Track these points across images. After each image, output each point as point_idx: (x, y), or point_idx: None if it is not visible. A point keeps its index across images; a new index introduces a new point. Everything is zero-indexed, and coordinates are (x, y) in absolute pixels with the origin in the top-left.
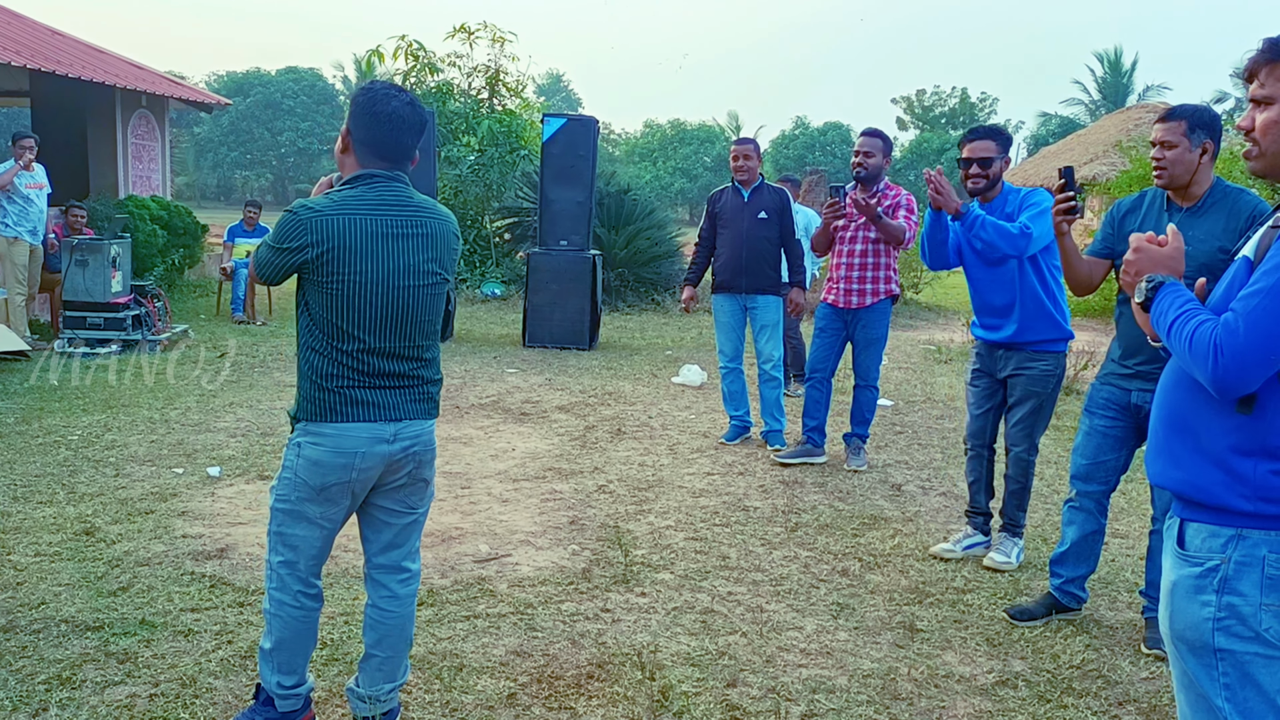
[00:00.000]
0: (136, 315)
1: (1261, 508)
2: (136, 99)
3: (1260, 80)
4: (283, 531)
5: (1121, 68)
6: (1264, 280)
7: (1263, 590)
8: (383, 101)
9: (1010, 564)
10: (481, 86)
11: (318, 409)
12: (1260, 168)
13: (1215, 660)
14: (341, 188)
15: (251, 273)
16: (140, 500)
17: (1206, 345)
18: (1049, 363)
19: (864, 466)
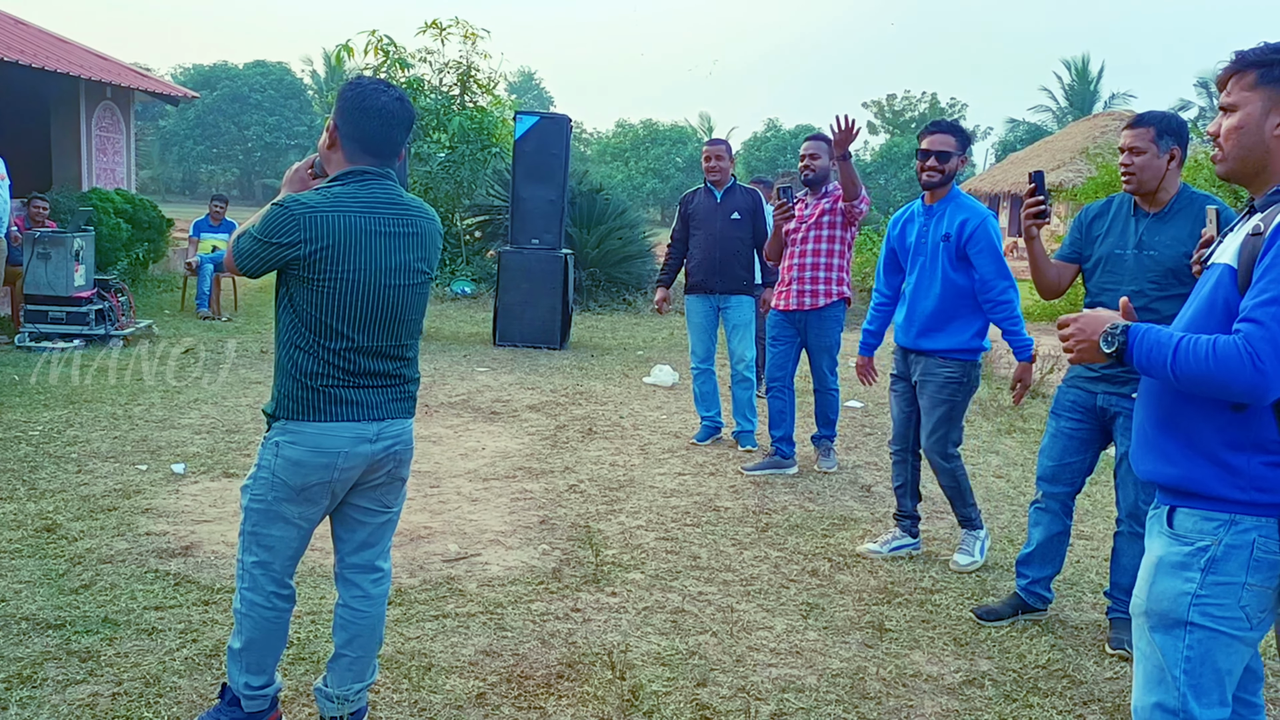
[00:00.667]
0: (100, 310)
1: (1255, 496)
2: (101, 90)
3: (1228, 89)
4: (257, 531)
5: (1089, 75)
6: (1272, 289)
7: (1248, 571)
8: (372, 97)
9: (976, 562)
10: (453, 83)
11: (300, 407)
12: (1225, 171)
13: (1184, 633)
14: (331, 184)
15: (229, 263)
16: (103, 497)
17: (1239, 356)
18: (954, 370)
19: (834, 468)
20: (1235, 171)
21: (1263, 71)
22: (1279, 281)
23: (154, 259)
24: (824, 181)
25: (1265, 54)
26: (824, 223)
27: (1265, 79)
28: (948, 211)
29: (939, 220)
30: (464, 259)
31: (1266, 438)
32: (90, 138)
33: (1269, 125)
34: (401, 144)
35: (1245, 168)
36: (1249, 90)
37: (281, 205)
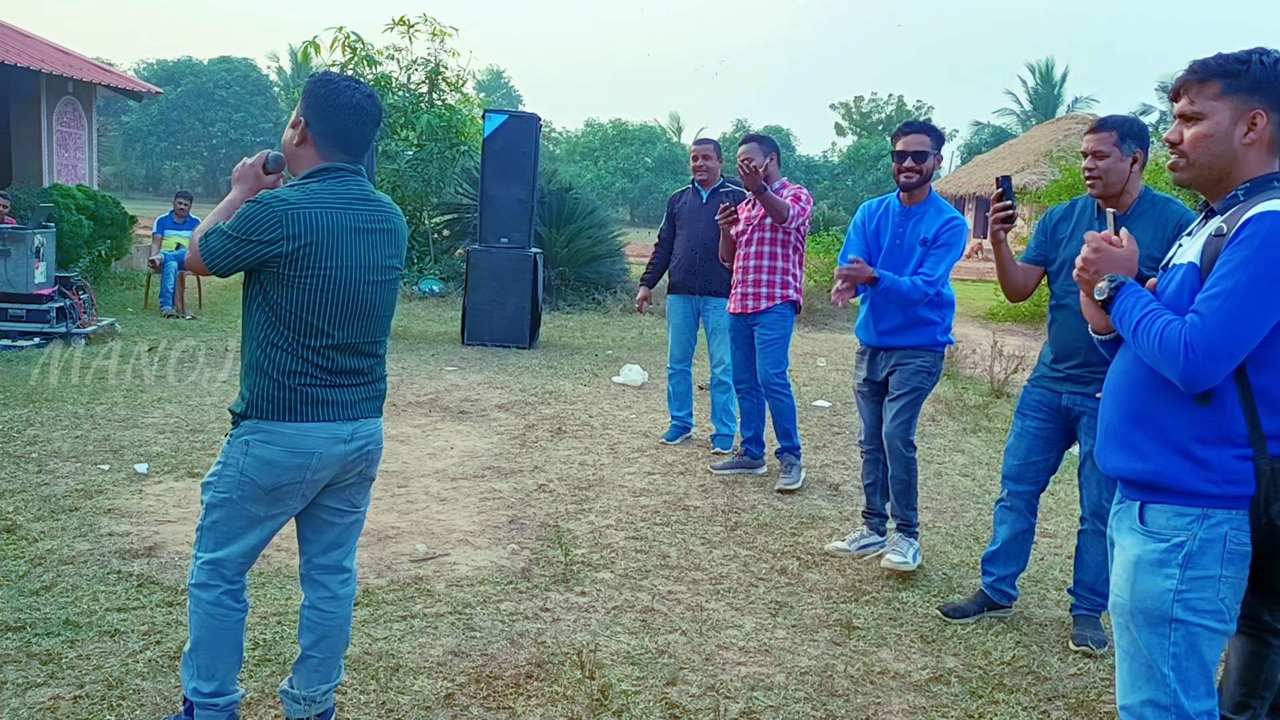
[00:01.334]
0: (61, 307)
1: (1226, 489)
2: (63, 85)
3: (1190, 98)
4: (216, 528)
5: (1052, 79)
6: (1222, 284)
7: (1223, 563)
8: (346, 94)
9: (908, 564)
10: (421, 81)
11: (275, 407)
12: (1188, 178)
13: (1169, 630)
14: (305, 180)
15: (193, 262)
16: (64, 497)
17: (1177, 343)
18: (925, 359)
19: (796, 484)
20: (1199, 179)
21: (1228, 82)
22: (1227, 278)
23: (117, 256)
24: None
25: (1228, 64)
26: (766, 224)
27: (1231, 89)
28: (928, 215)
29: (918, 222)
30: (432, 258)
31: (1235, 431)
32: (51, 133)
33: (1237, 134)
34: (372, 140)
35: (1211, 175)
36: (1215, 100)
37: (261, 203)
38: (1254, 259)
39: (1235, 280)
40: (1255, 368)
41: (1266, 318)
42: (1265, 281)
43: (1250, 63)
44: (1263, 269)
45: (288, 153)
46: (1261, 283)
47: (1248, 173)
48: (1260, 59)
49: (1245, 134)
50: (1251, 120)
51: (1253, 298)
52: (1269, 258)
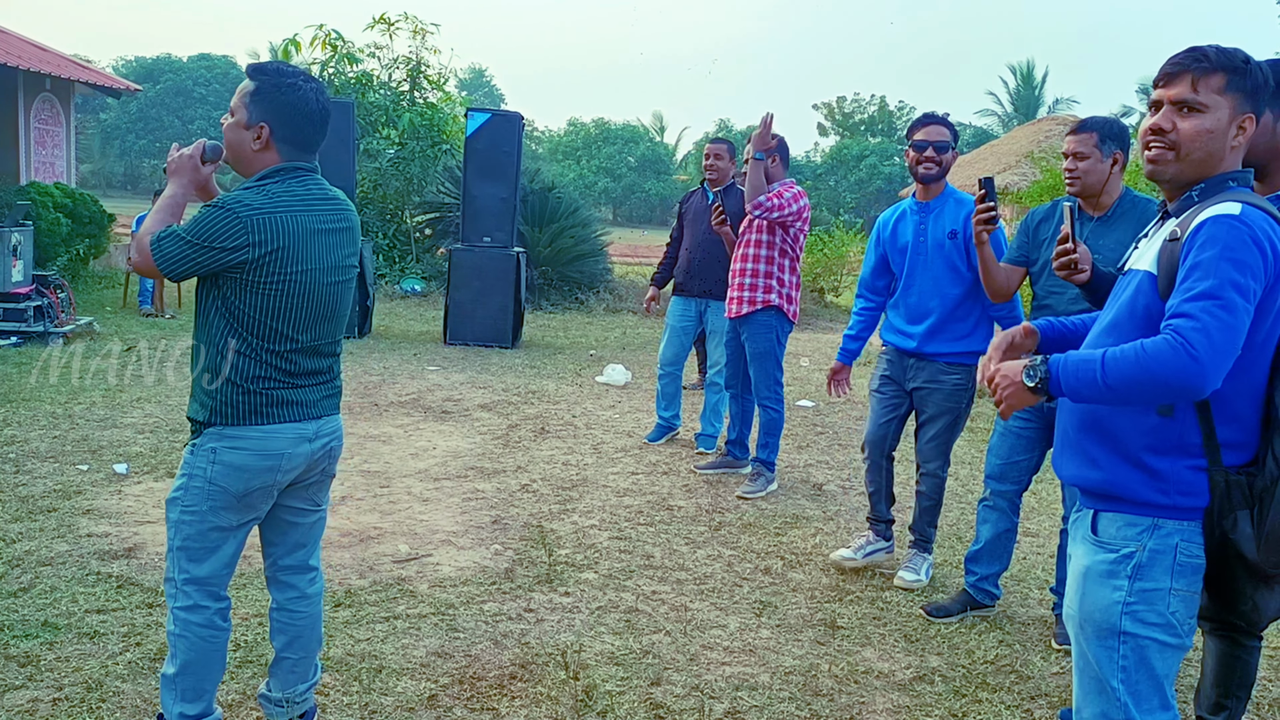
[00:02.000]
0: (38, 306)
1: (1178, 500)
2: (40, 82)
3: (1192, 86)
4: (189, 545)
5: (1033, 80)
6: (1202, 283)
7: (1173, 576)
8: (308, 99)
9: (921, 581)
10: (402, 79)
11: (239, 412)
12: (1174, 172)
13: (1118, 643)
14: (264, 182)
15: (143, 265)
16: (42, 498)
17: (1171, 350)
18: (961, 376)
19: (758, 494)
20: (1184, 175)
21: (1232, 78)
22: (1205, 278)
23: (95, 255)
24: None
25: (1233, 59)
26: (751, 226)
27: (1234, 86)
28: (947, 207)
29: (938, 216)
30: (414, 257)
31: (1190, 441)
32: (29, 130)
33: (1230, 135)
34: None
35: (1198, 173)
36: (1219, 94)
37: (223, 208)
38: (1223, 256)
39: (1214, 279)
40: None
41: (1249, 314)
42: (1239, 277)
43: (1251, 64)
44: (1233, 266)
45: (243, 155)
46: (1236, 278)
47: (1219, 172)
48: (1260, 64)
49: (1235, 136)
50: (1241, 124)
51: (1234, 292)
52: (1235, 256)
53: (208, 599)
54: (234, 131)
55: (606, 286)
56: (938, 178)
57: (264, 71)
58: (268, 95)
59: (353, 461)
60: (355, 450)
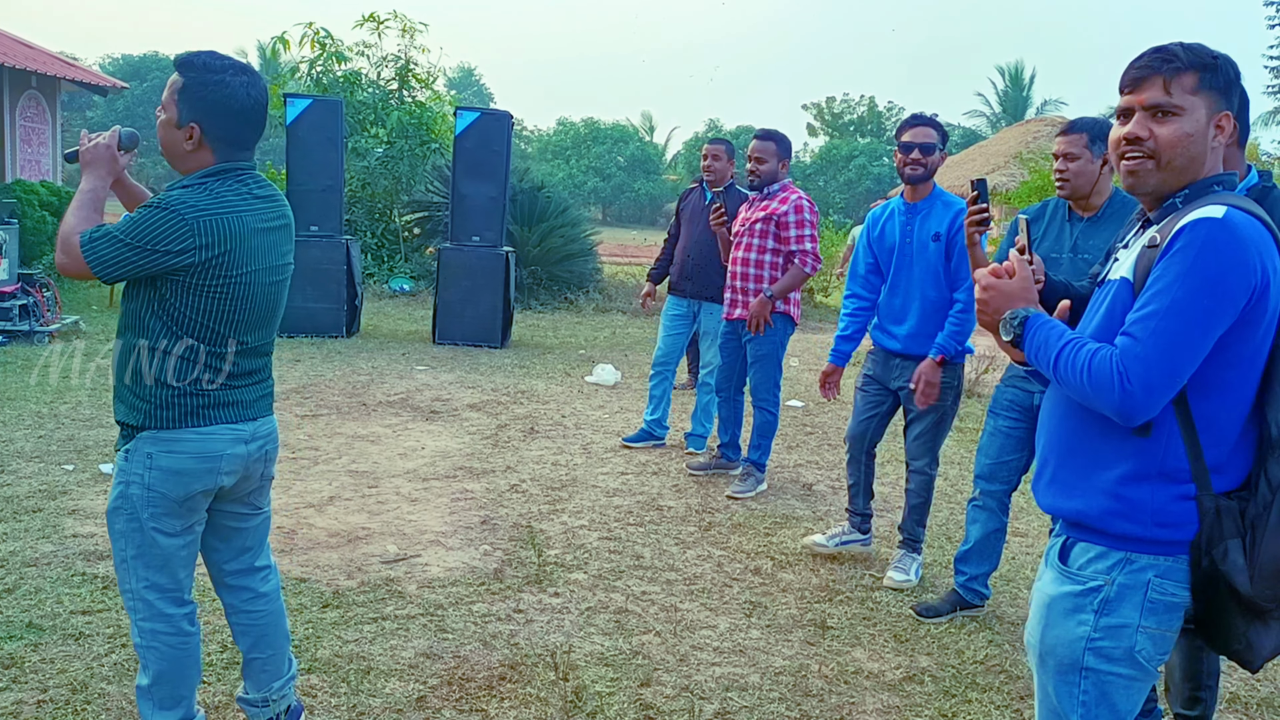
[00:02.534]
0: (24, 305)
1: (1156, 533)
2: (26, 79)
3: (1164, 89)
4: (142, 554)
5: (1022, 82)
6: (1156, 302)
7: (1142, 613)
8: (241, 95)
9: (910, 582)
10: (391, 77)
11: (175, 415)
12: (1156, 182)
13: (1079, 678)
14: (206, 180)
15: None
16: (27, 498)
17: (1109, 372)
18: (945, 376)
19: (747, 494)
20: (1167, 184)
21: (1204, 76)
22: (1160, 295)
23: None
24: (768, 185)
25: (1202, 55)
26: (756, 230)
27: (1206, 84)
28: (935, 209)
29: (925, 218)
30: (403, 256)
31: (1173, 466)
32: (14, 128)
33: (1209, 136)
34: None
35: (1182, 179)
36: (1192, 94)
37: (167, 209)
38: (1190, 272)
39: (1171, 297)
40: (1196, 393)
41: (1206, 337)
42: (1203, 296)
43: (1220, 59)
44: (1200, 282)
45: (177, 154)
46: (1199, 298)
47: (1201, 177)
48: (1229, 59)
49: (1214, 137)
50: (1219, 123)
51: (1191, 316)
52: (1206, 270)
53: (171, 605)
54: (166, 130)
55: (596, 286)
56: (924, 179)
57: (191, 66)
58: (196, 92)
59: (341, 461)
60: (343, 450)
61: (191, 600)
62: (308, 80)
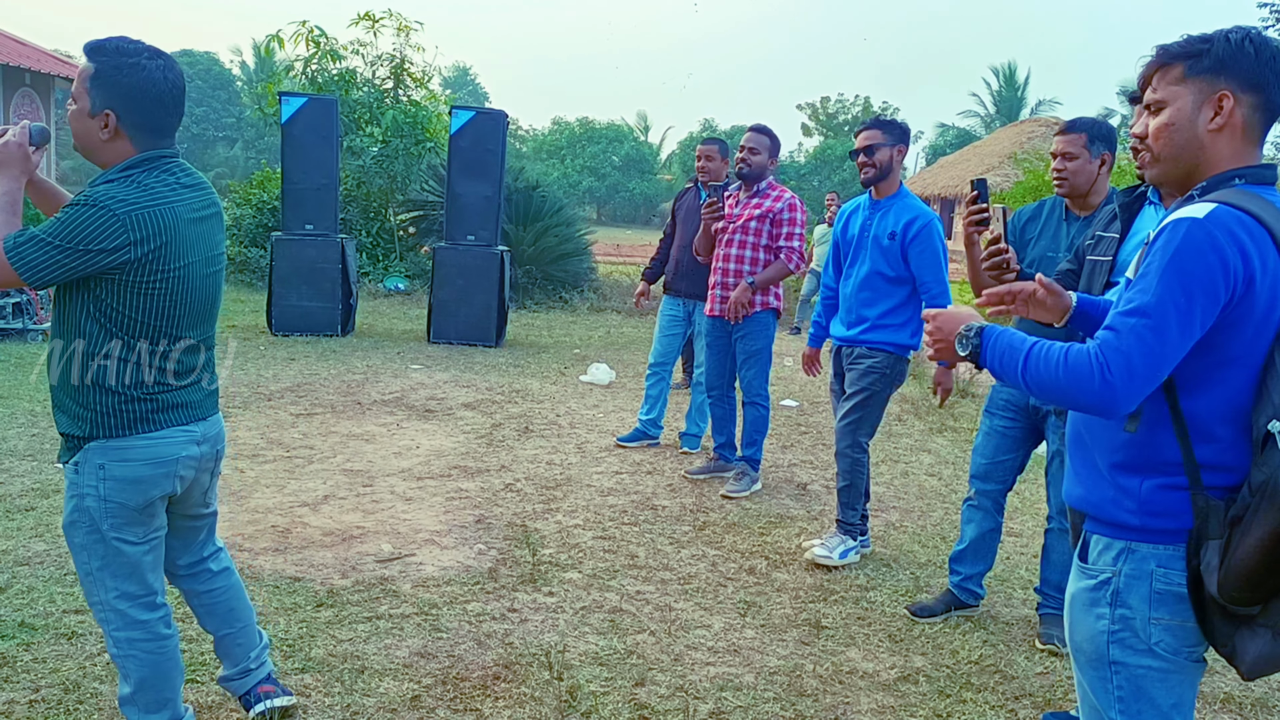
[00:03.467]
0: (17, 303)
1: (1148, 522)
2: (20, 76)
3: (1153, 85)
4: (107, 564)
5: (1016, 82)
6: (1138, 299)
7: (1151, 604)
8: (157, 78)
9: (830, 559)
10: (386, 76)
11: (123, 421)
12: (1156, 174)
13: (1110, 673)
14: (130, 171)
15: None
16: (20, 497)
17: (1088, 365)
18: (879, 360)
19: (743, 493)
20: (1168, 174)
21: (1190, 63)
22: (1141, 293)
23: None
24: (758, 179)
25: (1191, 45)
26: (751, 228)
27: (1194, 70)
28: (894, 209)
29: (884, 215)
30: (398, 255)
31: (1162, 458)
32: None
33: (1201, 120)
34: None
35: (1179, 168)
36: (1177, 84)
37: (95, 206)
38: (1165, 270)
39: (1152, 294)
40: (1185, 391)
41: (1184, 336)
42: (1177, 295)
43: (1214, 41)
44: (1173, 282)
45: (93, 145)
46: (1175, 296)
47: (1217, 165)
48: (1227, 36)
49: (1211, 119)
50: (1217, 103)
51: (1167, 313)
52: (1179, 270)
53: (145, 611)
54: (79, 120)
55: (591, 285)
56: (877, 179)
57: (102, 51)
58: (108, 78)
59: (335, 460)
60: (338, 449)
61: (165, 603)
62: (302, 79)
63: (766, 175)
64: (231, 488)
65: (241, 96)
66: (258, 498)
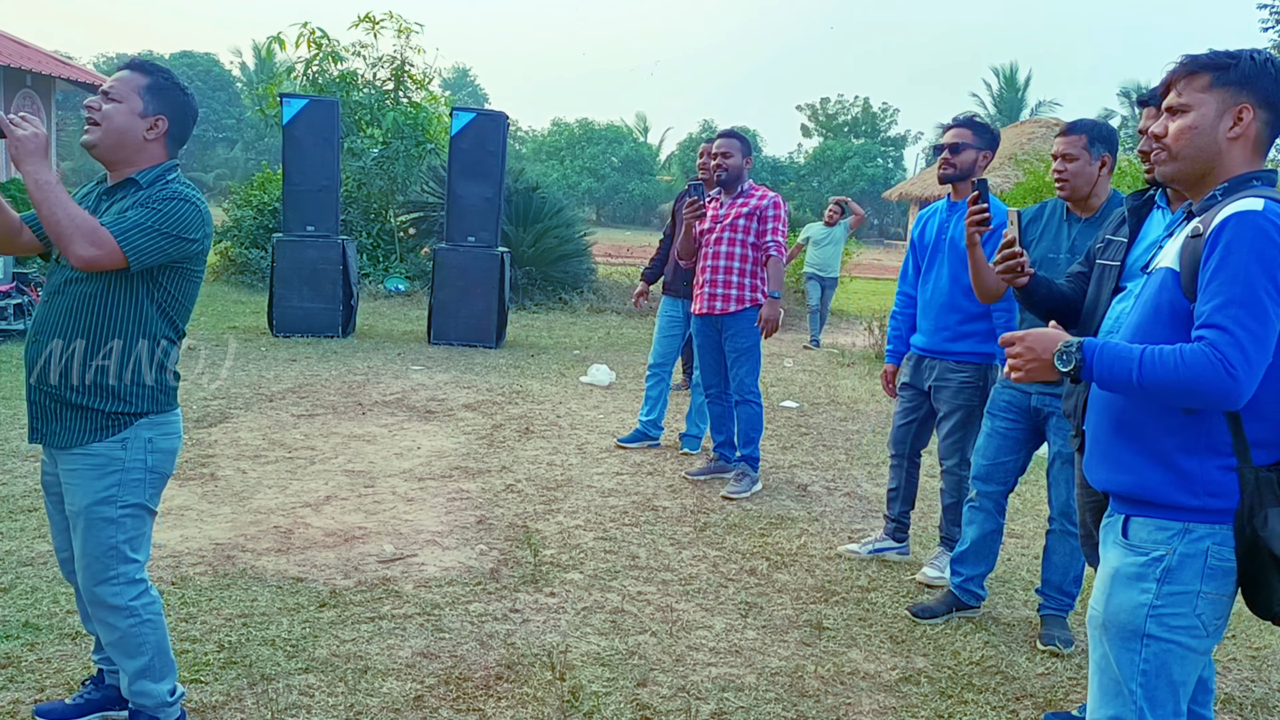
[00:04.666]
0: (19, 304)
1: (1208, 502)
2: (20, 78)
3: (1177, 91)
4: (134, 538)
5: (1016, 83)
6: (1226, 291)
7: (1203, 579)
8: (192, 102)
9: (943, 579)
10: (387, 78)
11: (167, 397)
12: (1170, 171)
13: (1140, 646)
14: (174, 172)
15: (109, 259)
16: (23, 497)
17: (1210, 363)
18: (969, 374)
19: (744, 494)
20: (1182, 173)
21: (1217, 74)
22: (1231, 283)
23: None
24: (737, 182)
25: (1219, 58)
26: (740, 225)
27: (1220, 81)
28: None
29: (962, 218)
30: (398, 256)
31: (1219, 440)
32: None
33: (1222, 128)
34: None
35: (1194, 169)
36: (1202, 92)
37: (183, 200)
38: (1250, 260)
39: (1242, 285)
40: None
41: (1278, 317)
42: (1266, 279)
43: (1241, 58)
44: (1261, 268)
45: (128, 141)
46: (1264, 281)
47: (1229, 170)
48: (1251, 55)
49: (1230, 128)
50: (1238, 114)
51: (1263, 298)
52: (1262, 256)
53: (145, 574)
54: (125, 117)
55: (590, 287)
56: (956, 178)
57: (157, 70)
58: (167, 92)
59: (337, 461)
60: (339, 450)
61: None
62: (303, 80)
63: (745, 176)
64: (234, 488)
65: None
66: (260, 498)
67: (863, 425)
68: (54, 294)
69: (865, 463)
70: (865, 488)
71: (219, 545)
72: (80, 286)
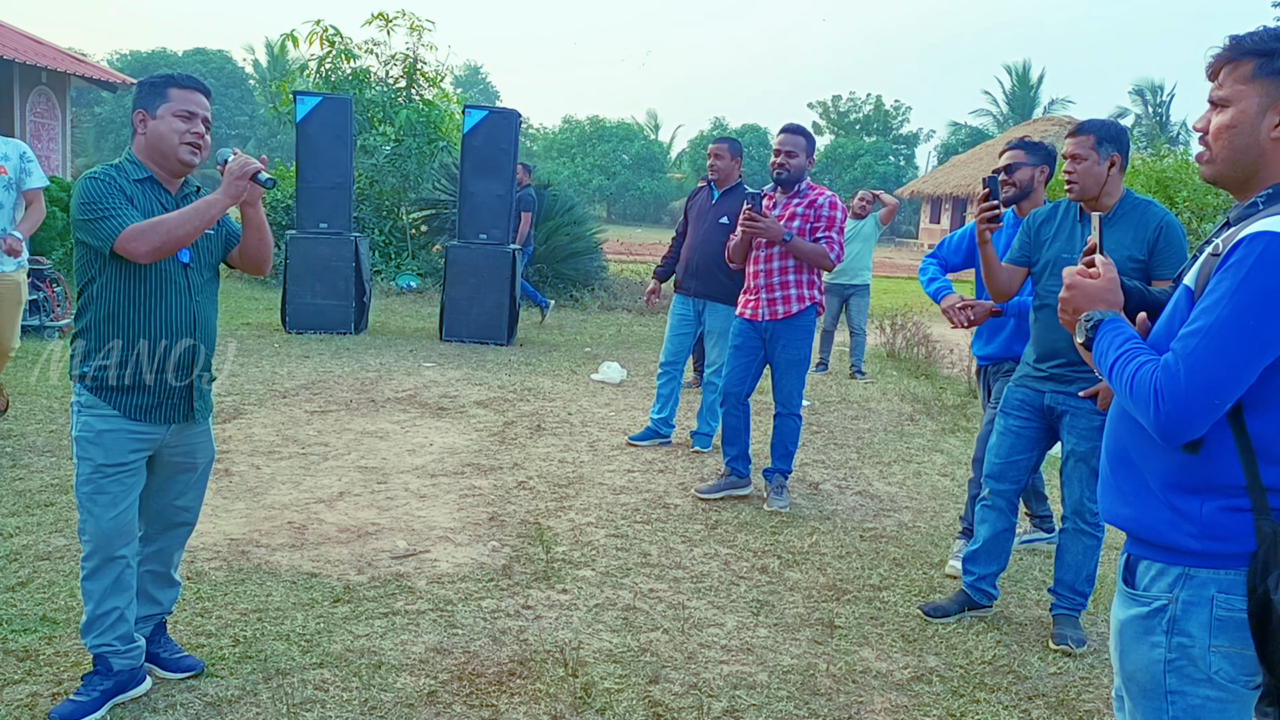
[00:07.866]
0: (34, 300)
1: (1209, 546)
2: (36, 76)
3: (1219, 81)
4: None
5: (1029, 81)
6: (1203, 319)
7: (1211, 632)
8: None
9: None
10: (399, 75)
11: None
12: (1211, 173)
13: (1166, 704)
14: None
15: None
16: (39, 492)
17: (1147, 391)
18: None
19: (787, 507)
20: (1224, 175)
21: (1262, 62)
22: (1207, 312)
23: None
24: (798, 181)
25: (1265, 41)
26: (794, 226)
27: (1264, 70)
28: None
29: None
30: (410, 253)
31: (1224, 480)
32: (25, 124)
33: (1265, 125)
34: None
35: (1235, 171)
36: (1244, 83)
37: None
38: (1239, 289)
39: (1217, 315)
40: (1253, 411)
41: (1255, 358)
42: (1251, 315)
43: None
44: (1249, 301)
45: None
46: (1247, 317)
47: (1276, 174)
48: None
49: (1275, 127)
50: None
51: (1238, 335)
52: (1256, 287)
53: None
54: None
55: (601, 284)
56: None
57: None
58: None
59: (350, 457)
60: (352, 446)
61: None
62: (317, 78)
63: (805, 177)
64: (248, 484)
65: (255, 95)
66: (274, 494)
67: (874, 424)
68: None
69: (877, 462)
70: (877, 486)
71: (233, 540)
72: (212, 287)
